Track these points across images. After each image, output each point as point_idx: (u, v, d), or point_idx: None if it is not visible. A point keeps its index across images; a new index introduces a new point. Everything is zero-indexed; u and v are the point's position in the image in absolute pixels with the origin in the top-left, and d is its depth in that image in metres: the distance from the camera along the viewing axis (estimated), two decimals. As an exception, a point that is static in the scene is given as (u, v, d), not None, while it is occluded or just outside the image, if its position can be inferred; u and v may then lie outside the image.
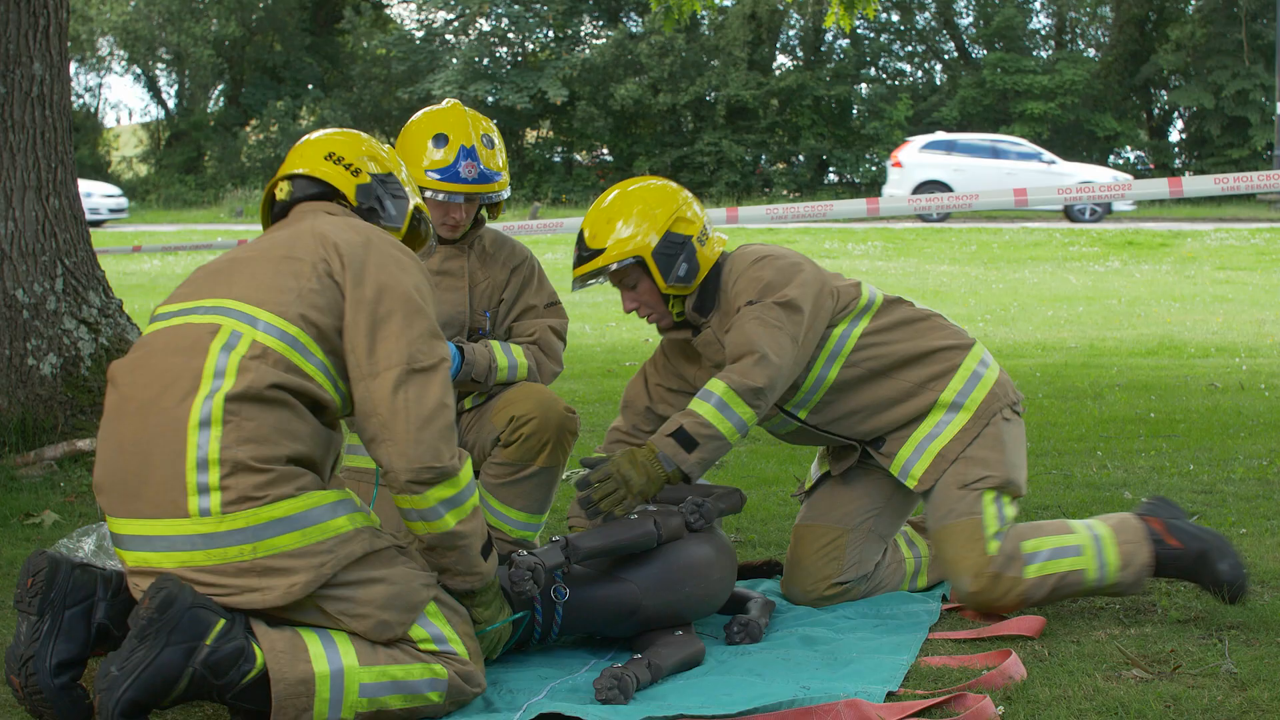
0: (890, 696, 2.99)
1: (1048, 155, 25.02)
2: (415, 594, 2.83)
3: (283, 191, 3.14)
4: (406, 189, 3.21)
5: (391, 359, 2.81)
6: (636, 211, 3.62)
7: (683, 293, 3.66)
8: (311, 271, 2.85)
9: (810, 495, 3.90)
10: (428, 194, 3.87)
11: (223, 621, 2.66)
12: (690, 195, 3.74)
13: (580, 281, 3.69)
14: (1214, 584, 3.53)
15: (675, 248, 3.61)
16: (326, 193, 3.12)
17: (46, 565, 2.76)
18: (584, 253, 3.65)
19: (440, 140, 3.93)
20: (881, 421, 3.70)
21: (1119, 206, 24.29)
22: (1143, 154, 35.80)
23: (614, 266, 3.60)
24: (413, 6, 39.62)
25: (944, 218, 23.67)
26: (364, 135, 3.25)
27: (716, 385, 3.47)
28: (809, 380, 3.67)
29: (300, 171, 3.13)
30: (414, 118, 4.04)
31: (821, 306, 3.61)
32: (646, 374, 3.92)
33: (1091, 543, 3.56)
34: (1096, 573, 3.54)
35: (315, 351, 2.81)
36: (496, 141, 4.04)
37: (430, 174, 3.89)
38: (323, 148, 3.16)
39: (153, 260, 19.14)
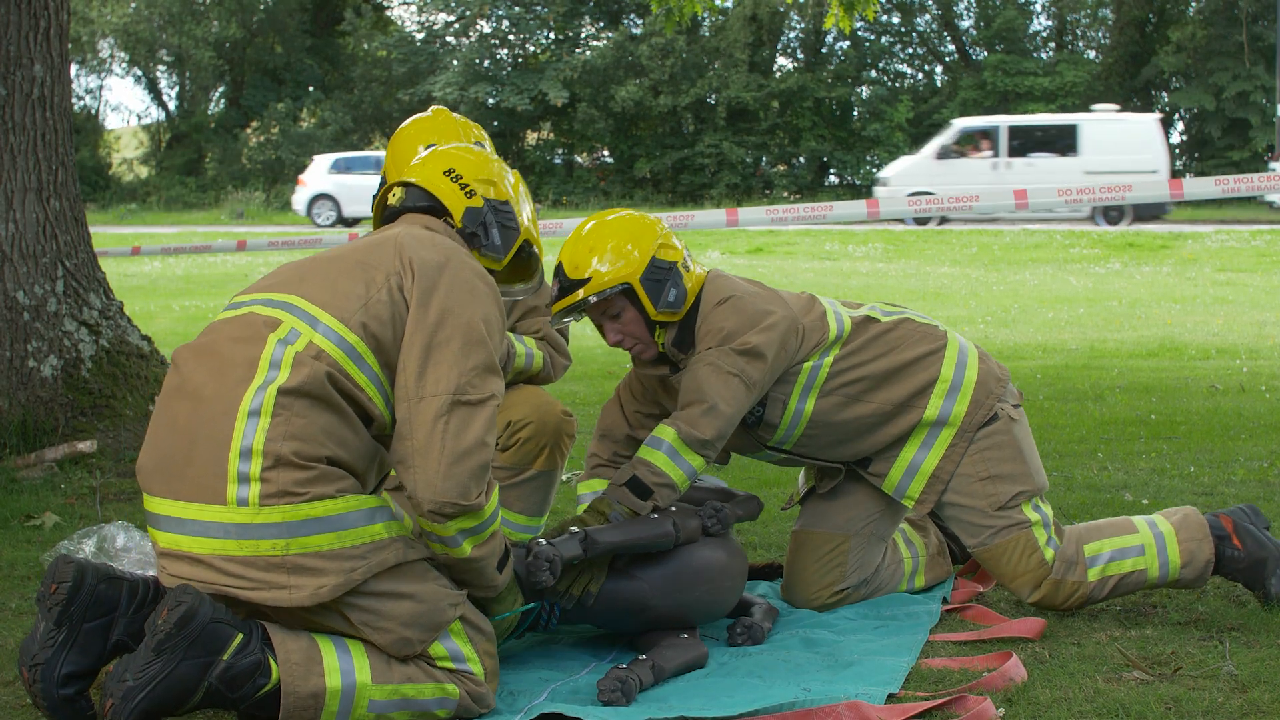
0: (891, 698, 2.99)
1: None
2: (441, 614, 2.82)
3: (395, 196, 3.13)
4: (519, 221, 3.16)
5: (439, 386, 2.75)
6: (618, 240, 3.51)
7: (672, 319, 3.54)
8: (383, 282, 2.82)
9: (805, 501, 3.87)
10: None
11: (240, 636, 2.65)
12: (667, 227, 3.64)
13: (562, 314, 3.55)
14: (1261, 592, 3.56)
15: (662, 273, 3.51)
16: (435, 208, 3.09)
17: (71, 577, 2.72)
18: (565, 283, 3.50)
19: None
20: (866, 445, 3.67)
21: None
22: (1143, 155, 35.77)
23: (599, 296, 3.48)
24: (413, 8, 39.65)
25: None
26: (494, 159, 3.22)
27: (666, 432, 3.45)
28: (787, 415, 3.62)
29: (415, 181, 3.11)
30: (402, 126, 4.04)
31: (786, 348, 3.53)
32: (622, 401, 3.81)
33: (1153, 541, 3.58)
34: (1159, 571, 3.57)
35: (371, 363, 2.78)
36: (488, 147, 4.03)
37: None
38: (446, 162, 3.14)
39: (153, 262, 19.14)
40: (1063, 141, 24.13)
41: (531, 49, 36.64)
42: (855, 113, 35.89)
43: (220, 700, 2.65)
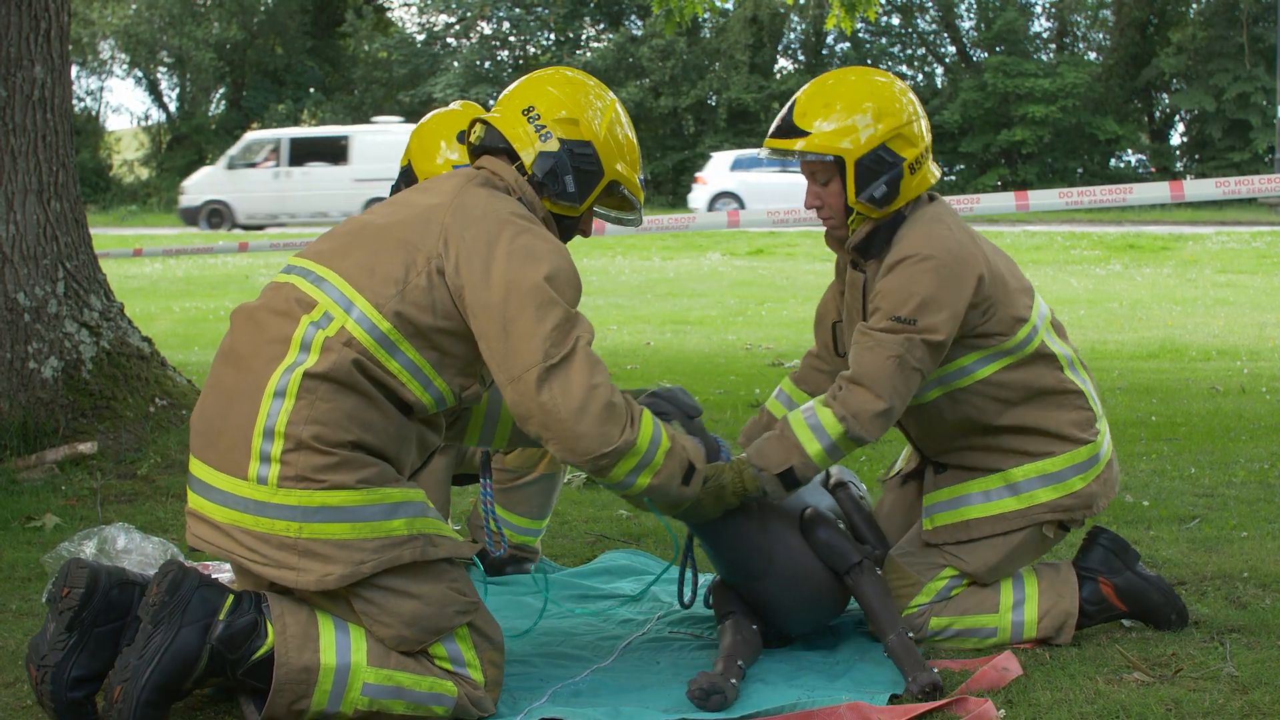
0: (893, 699, 2.99)
1: None
2: (445, 620, 2.82)
3: (475, 135, 3.09)
4: (602, 163, 3.05)
5: (526, 361, 2.74)
6: (860, 107, 3.22)
7: (869, 214, 3.26)
8: (425, 265, 2.81)
9: (887, 484, 3.72)
10: None
11: (231, 597, 2.70)
12: (921, 110, 3.32)
13: (772, 151, 3.33)
14: (1157, 625, 3.45)
15: (883, 165, 3.21)
16: (510, 149, 3.02)
17: (85, 583, 2.73)
18: (787, 124, 3.28)
19: (462, 138, 3.92)
20: (947, 454, 3.44)
21: None
22: (1144, 157, 35.82)
23: (804, 157, 3.25)
24: (414, 10, 39.69)
25: None
26: (589, 85, 3.09)
27: (832, 425, 3.14)
28: None
29: (492, 121, 3.04)
30: (425, 119, 4.05)
31: (965, 323, 3.22)
32: (836, 285, 3.57)
33: (1009, 628, 3.36)
34: (1008, 644, 3.36)
35: (407, 350, 2.79)
36: None
37: None
38: (529, 97, 3.04)
39: (154, 264, 19.13)
40: (335, 152, 25.82)
41: (532, 50, 36.65)
42: (856, 114, 35.91)
43: (221, 665, 2.67)
